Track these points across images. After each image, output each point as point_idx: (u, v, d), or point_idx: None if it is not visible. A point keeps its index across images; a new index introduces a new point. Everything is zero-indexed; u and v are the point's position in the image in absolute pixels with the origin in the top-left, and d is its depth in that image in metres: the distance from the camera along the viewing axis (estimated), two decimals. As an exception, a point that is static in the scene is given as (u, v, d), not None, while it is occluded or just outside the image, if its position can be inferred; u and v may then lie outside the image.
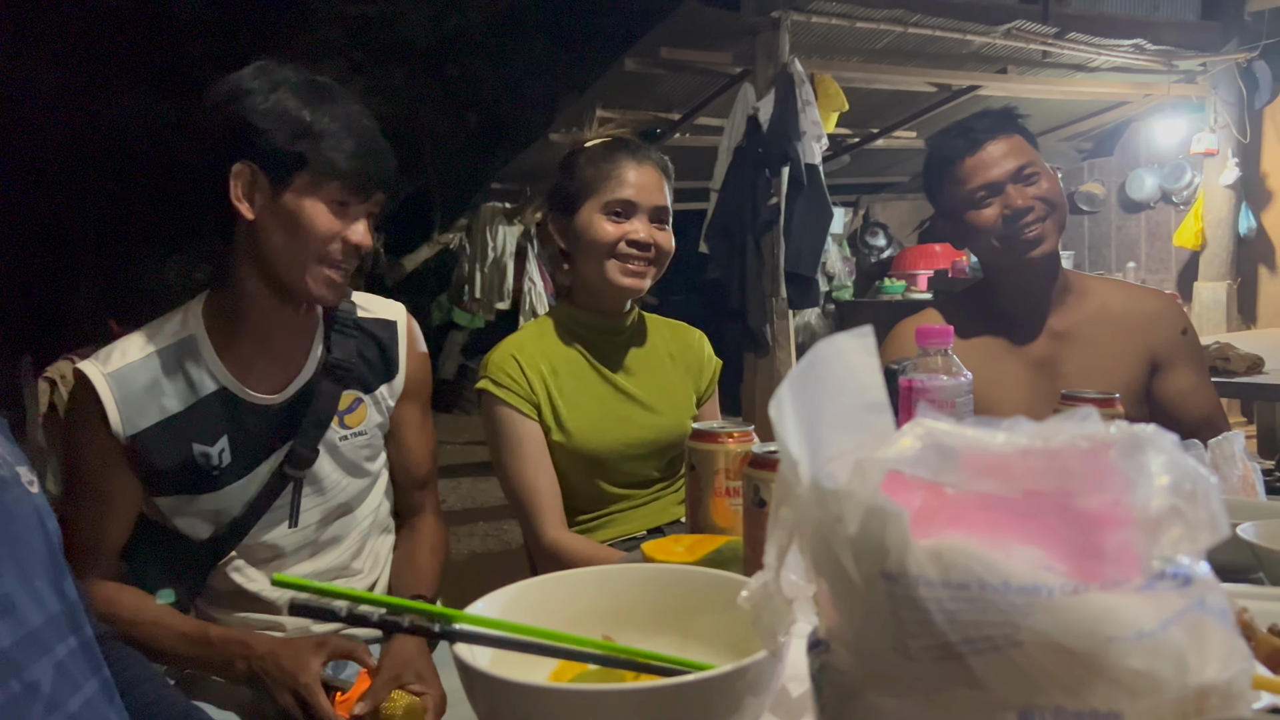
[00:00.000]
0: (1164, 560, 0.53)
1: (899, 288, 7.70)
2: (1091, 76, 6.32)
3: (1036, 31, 5.57)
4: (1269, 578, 1.01)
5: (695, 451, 1.21)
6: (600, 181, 1.77)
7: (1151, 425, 0.57)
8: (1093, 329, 1.86)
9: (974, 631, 0.52)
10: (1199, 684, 0.53)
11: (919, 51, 5.61)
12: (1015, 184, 1.81)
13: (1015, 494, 0.54)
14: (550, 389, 1.78)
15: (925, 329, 1.25)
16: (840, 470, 0.56)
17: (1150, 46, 6.06)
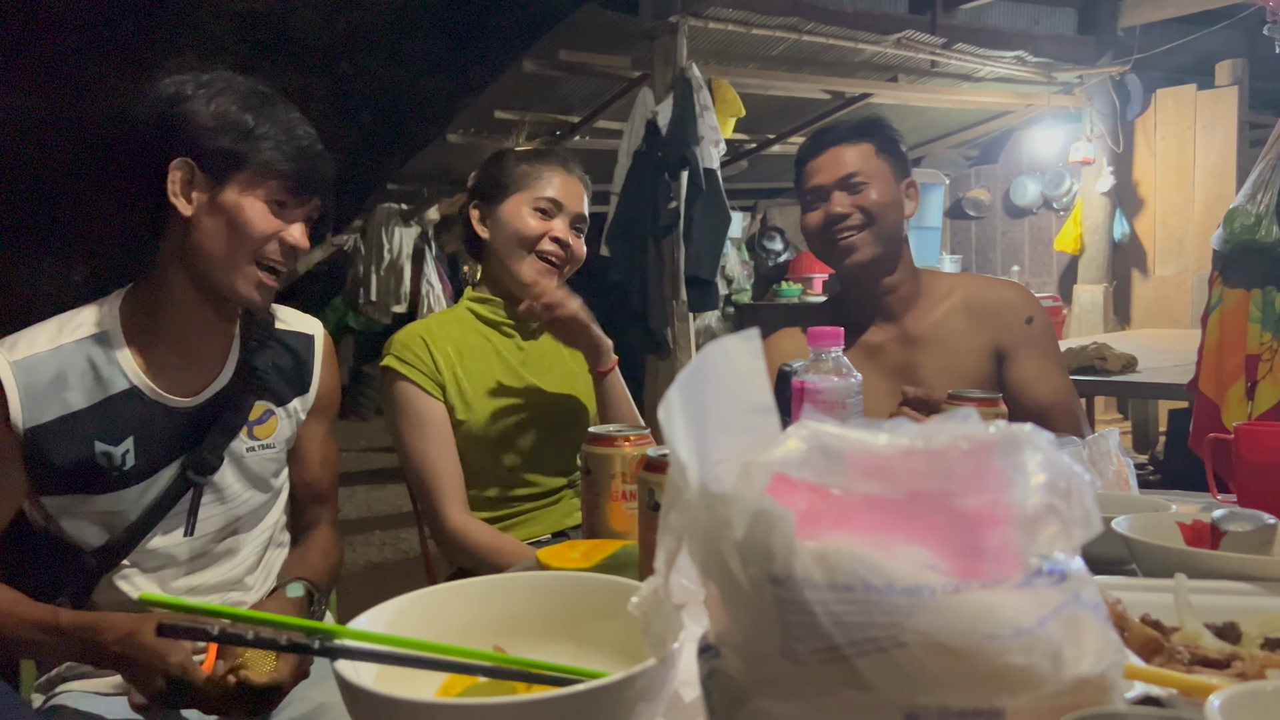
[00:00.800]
0: (1041, 557, 0.54)
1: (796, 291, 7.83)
2: (977, 86, 6.55)
3: (925, 41, 5.74)
4: (1142, 569, 1.05)
5: (591, 455, 1.20)
6: (532, 179, 1.86)
7: (1029, 425, 0.58)
8: (944, 330, 1.88)
9: (860, 634, 0.52)
10: (1075, 677, 0.55)
11: (813, 59, 5.72)
12: (840, 190, 1.85)
13: (899, 495, 0.54)
14: (457, 370, 1.81)
15: (817, 331, 1.26)
16: (727, 474, 0.55)
17: (1031, 58, 6.31)
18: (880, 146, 1.89)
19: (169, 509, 1.46)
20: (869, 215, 1.84)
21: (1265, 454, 1.31)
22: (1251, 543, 1.07)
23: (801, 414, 0.62)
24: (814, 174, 1.89)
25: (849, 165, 1.86)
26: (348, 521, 5.53)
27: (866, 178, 1.85)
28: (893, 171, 1.88)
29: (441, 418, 1.78)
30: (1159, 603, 0.90)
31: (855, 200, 1.84)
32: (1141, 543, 1.03)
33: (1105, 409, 7.09)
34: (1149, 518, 1.12)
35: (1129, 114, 6.91)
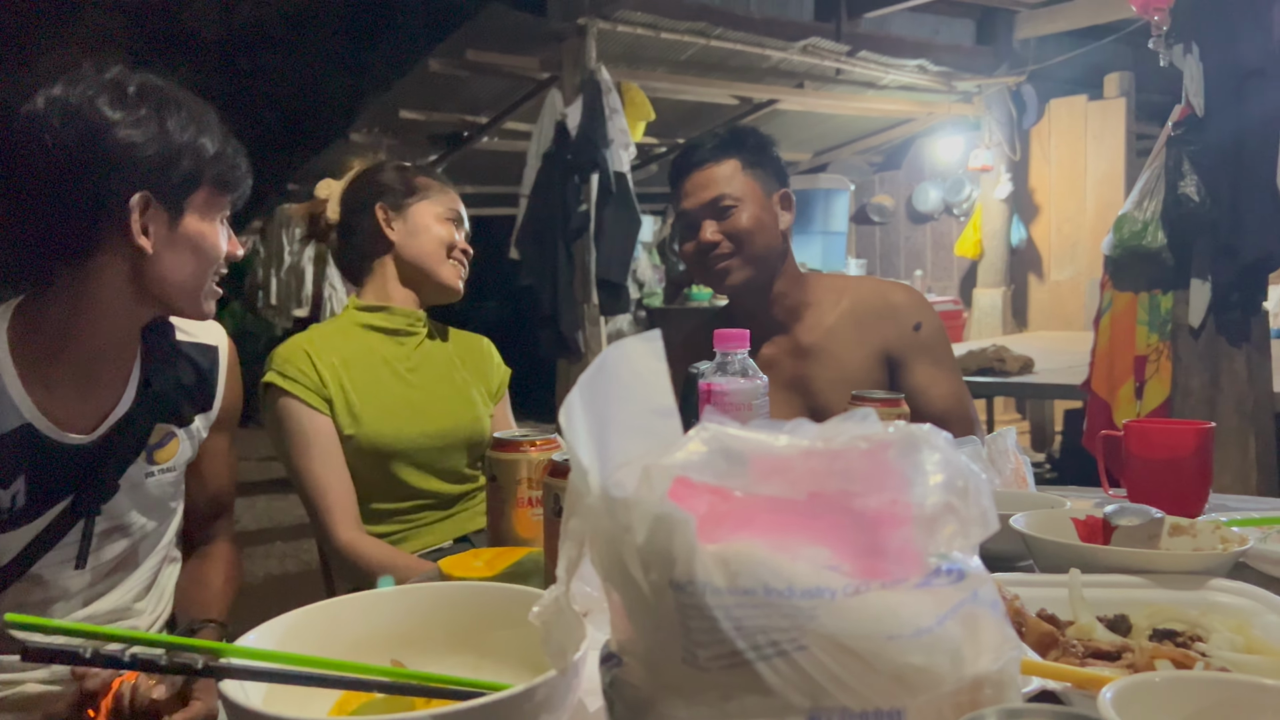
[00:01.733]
0: (940, 556, 0.54)
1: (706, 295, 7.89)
2: (881, 94, 6.70)
3: (831, 49, 5.84)
4: (1039, 565, 1.07)
5: (496, 461, 1.18)
6: (435, 191, 1.89)
7: (927, 425, 0.59)
8: (834, 340, 1.86)
9: (761, 637, 0.51)
10: (974, 675, 0.55)
11: (722, 64, 5.78)
12: (709, 217, 1.82)
13: (800, 496, 0.54)
14: (344, 382, 1.75)
15: (723, 333, 1.26)
16: (629, 478, 0.54)
17: (932, 67, 6.48)
18: (747, 161, 1.84)
19: (57, 542, 1.34)
20: (738, 241, 1.81)
21: (1153, 450, 1.35)
22: (1140, 536, 1.10)
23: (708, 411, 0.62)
24: (684, 198, 1.86)
25: (716, 187, 1.81)
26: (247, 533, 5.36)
27: (734, 199, 1.81)
28: (762, 186, 1.84)
29: (328, 434, 1.71)
30: (1055, 597, 0.93)
31: (724, 226, 1.81)
32: (1038, 539, 1.06)
33: (1004, 409, 7.32)
34: (1045, 514, 1.14)
35: (1025, 123, 7.16)
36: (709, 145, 1.86)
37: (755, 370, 1.27)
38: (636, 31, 5.09)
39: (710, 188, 1.82)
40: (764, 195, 1.84)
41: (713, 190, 1.81)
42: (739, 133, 1.90)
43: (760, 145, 1.88)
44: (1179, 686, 0.64)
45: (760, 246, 1.82)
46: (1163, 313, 3.29)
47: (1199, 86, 3.03)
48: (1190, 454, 1.33)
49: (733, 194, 1.81)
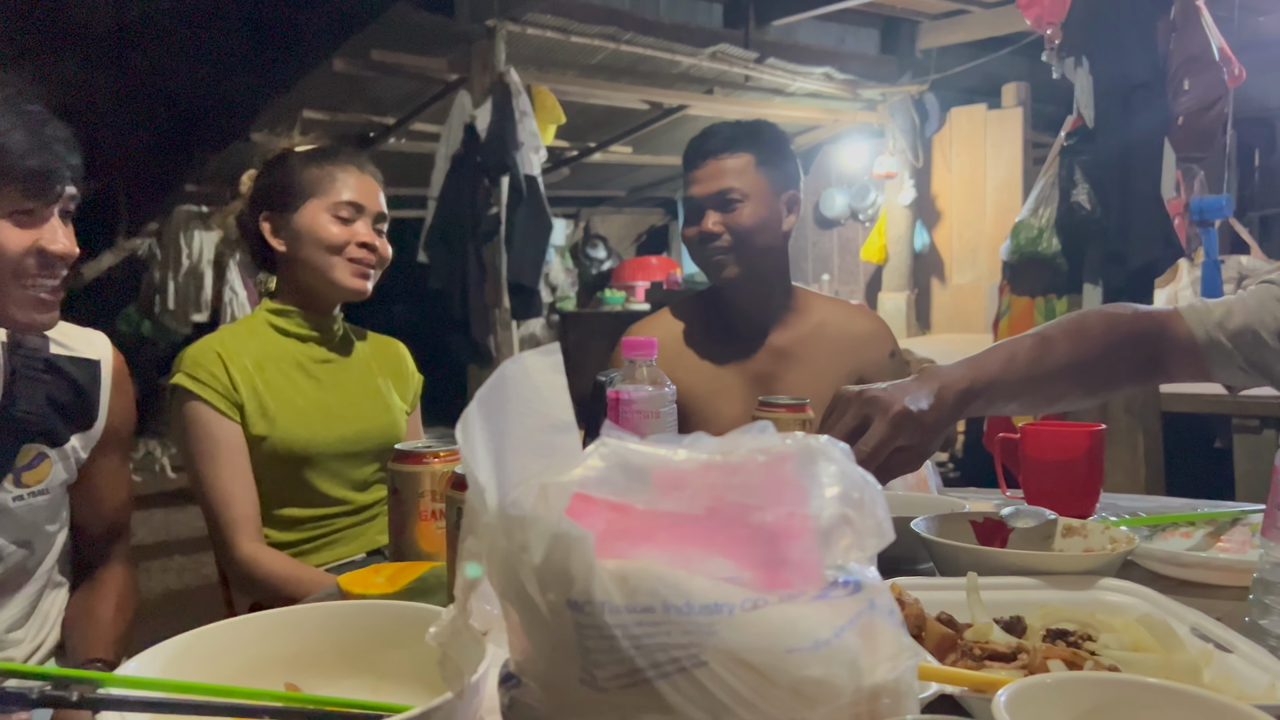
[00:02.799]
0: (837, 568, 0.55)
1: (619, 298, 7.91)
2: (789, 101, 6.80)
3: (739, 56, 5.91)
4: (939, 568, 1.10)
5: (398, 474, 1.15)
6: (326, 183, 1.75)
7: (825, 436, 0.59)
8: (809, 347, 1.91)
9: (661, 655, 0.51)
10: (872, 686, 0.55)
11: (632, 69, 5.79)
12: (714, 208, 1.84)
13: (699, 510, 0.53)
14: (257, 385, 1.69)
15: (630, 341, 1.26)
16: (526, 496, 0.53)
17: (838, 75, 6.61)
18: (761, 159, 1.86)
19: None
20: (739, 236, 1.83)
21: (1048, 452, 1.39)
22: (1035, 538, 1.13)
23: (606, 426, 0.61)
24: (692, 184, 1.88)
25: (725, 180, 1.84)
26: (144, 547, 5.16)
27: (742, 195, 1.83)
28: (771, 184, 1.86)
29: (236, 440, 1.65)
30: (955, 600, 0.94)
31: (727, 219, 1.83)
32: (937, 542, 1.08)
33: (909, 409, 7.48)
34: (945, 518, 1.17)
35: (927, 131, 7.35)
36: (726, 135, 1.88)
37: (663, 378, 1.27)
38: (546, 34, 5.07)
39: (720, 178, 1.84)
40: (772, 194, 1.87)
41: (722, 181, 1.84)
42: (758, 127, 1.92)
43: (776, 144, 1.90)
44: (1069, 687, 0.66)
45: (760, 244, 1.85)
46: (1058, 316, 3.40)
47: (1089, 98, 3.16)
48: (1083, 455, 1.37)
49: (741, 188, 1.83)
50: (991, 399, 1.22)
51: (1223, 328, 1.29)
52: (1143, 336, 1.31)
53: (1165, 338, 1.31)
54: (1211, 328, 1.30)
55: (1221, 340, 1.29)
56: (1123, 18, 3.07)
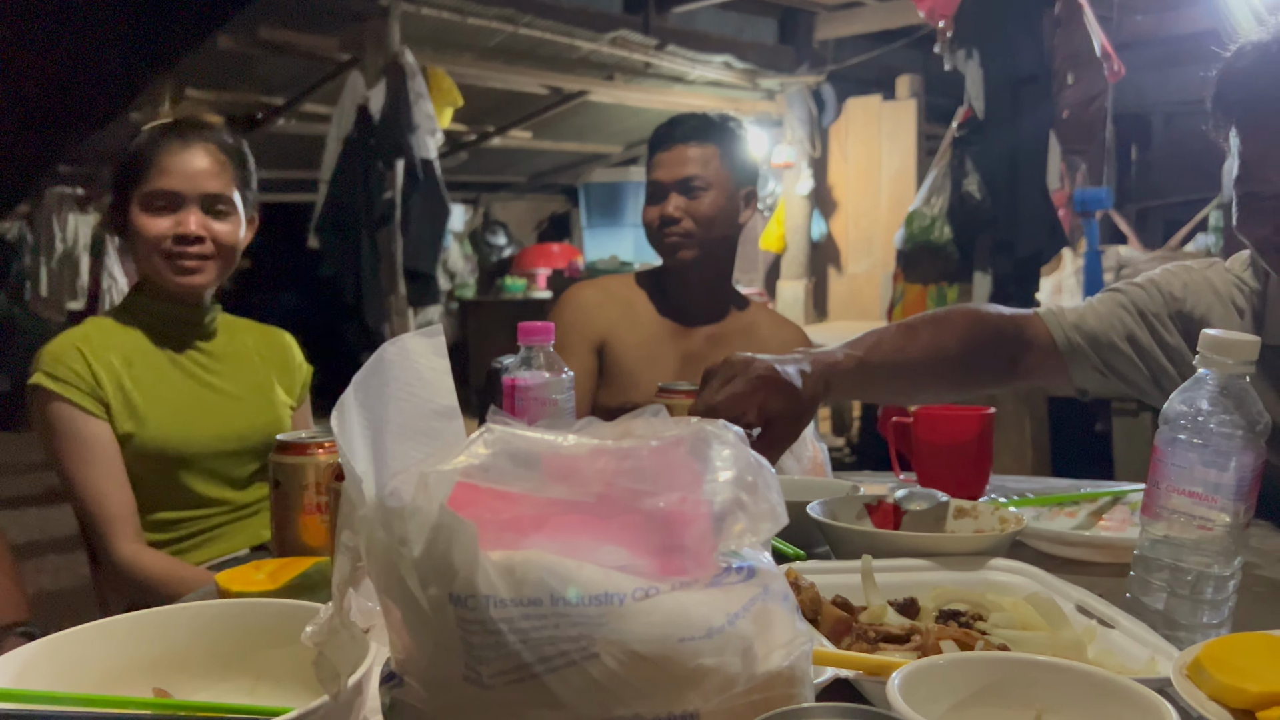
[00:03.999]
0: (730, 554, 0.53)
1: (520, 286, 7.83)
2: (689, 89, 6.82)
3: (639, 42, 5.89)
4: (834, 552, 1.10)
5: (280, 466, 1.10)
6: (144, 170, 1.59)
7: (720, 420, 0.58)
8: (740, 341, 1.97)
9: (549, 649, 0.49)
10: (766, 673, 0.54)
11: (531, 53, 5.72)
12: (677, 192, 1.91)
13: (589, 497, 0.51)
14: (124, 381, 1.58)
15: (526, 326, 1.23)
16: (406, 485, 0.50)
17: (737, 64, 6.65)
18: (725, 152, 1.94)
19: None
20: (699, 223, 1.91)
21: (939, 435, 1.42)
22: (928, 520, 1.15)
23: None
24: (656, 167, 1.95)
25: (690, 167, 1.91)
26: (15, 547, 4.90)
27: (705, 183, 1.91)
28: (733, 178, 1.94)
29: (105, 439, 1.55)
30: (851, 583, 0.95)
31: (689, 205, 1.91)
32: (832, 526, 1.08)
33: (807, 396, 7.61)
34: (840, 501, 1.17)
35: (824, 121, 7.46)
36: (694, 124, 1.95)
37: (560, 364, 1.24)
38: (442, 15, 4.96)
39: (686, 165, 1.91)
40: (733, 186, 1.95)
41: (688, 169, 1.91)
42: (725, 122, 1.99)
43: (739, 139, 1.99)
44: (961, 668, 0.67)
45: (717, 233, 1.93)
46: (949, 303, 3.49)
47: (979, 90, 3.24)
48: (973, 439, 1.40)
49: (705, 177, 1.91)
50: (859, 380, 1.28)
51: (1079, 330, 1.35)
52: (1003, 336, 1.36)
53: (1024, 338, 1.37)
54: (1069, 329, 1.36)
55: (1079, 342, 1.35)
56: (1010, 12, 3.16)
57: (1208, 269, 1.37)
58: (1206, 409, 0.83)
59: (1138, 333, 1.35)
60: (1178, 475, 0.84)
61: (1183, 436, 0.84)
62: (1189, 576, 0.85)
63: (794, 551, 1.07)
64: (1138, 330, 1.35)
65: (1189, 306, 1.33)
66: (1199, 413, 0.83)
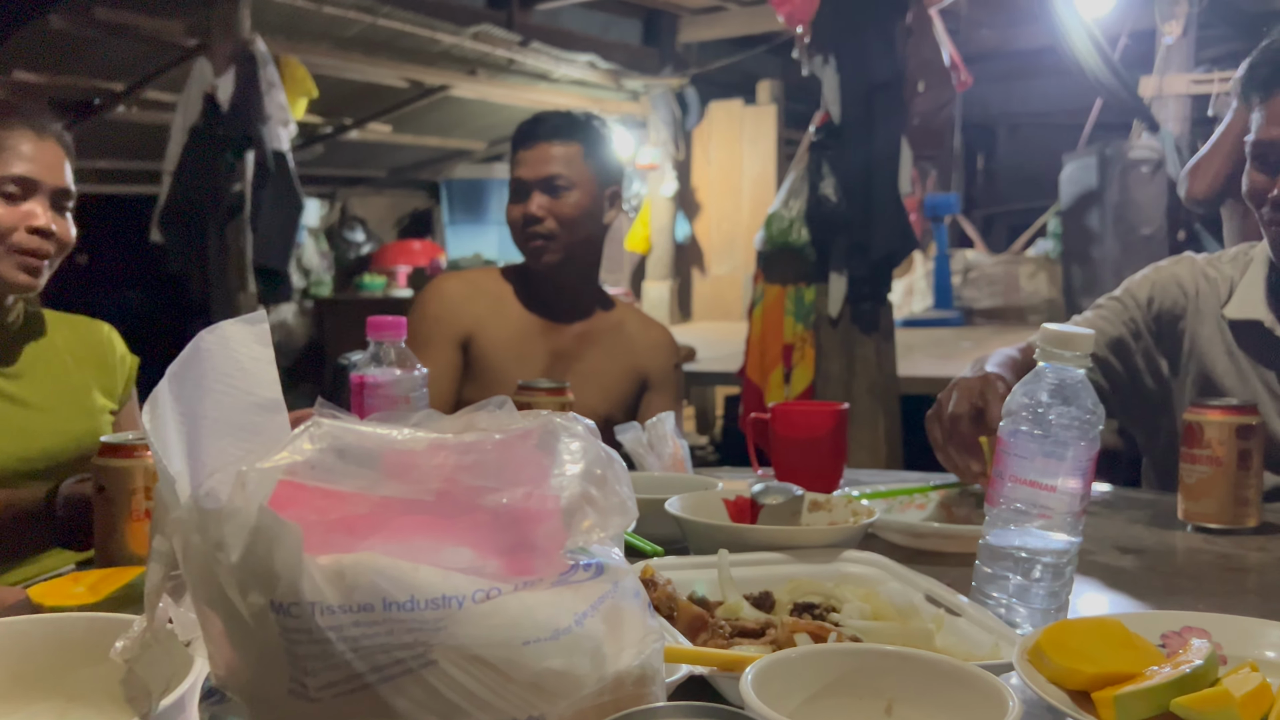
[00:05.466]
0: (578, 550, 0.51)
1: (379, 284, 7.61)
2: (553, 87, 6.78)
3: (503, 37, 5.82)
4: (692, 547, 1.10)
5: (105, 470, 1.02)
6: None
7: (570, 413, 0.55)
8: (608, 341, 1.97)
9: (383, 657, 0.46)
10: (615, 673, 0.52)
11: (390, 45, 5.58)
12: (540, 191, 1.87)
13: (428, 495, 0.48)
14: None
15: (376, 320, 1.18)
16: (223, 485, 0.46)
17: (602, 64, 6.65)
18: (589, 150, 1.90)
19: None
20: (562, 223, 1.87)
21: (795, 430, 1.44)
22: (784, 514, 1.16)
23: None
24: (519, 165, 1.90)
25: (553, 166, 1.86)
26: None
27: (568, 183, 1.86)
28: (597, 177, 1.91)
29: None
30: (708, 579, 0.94)
31: (552, 205, 1.86)
32: (689, 521, 1.07)
33: (672, 395, 7.70)
34: (699, 496, 1.17)
35: (688, 124, 7.55)
36: (557, 122, 1.92)
37: (413, 360, 1.20)
38: (296, 3, 4.78)
39: (549, 163, 1.87)
40: (597, 186, 1.91)
41: (551, 167, 1.86)
42: (589, 120, 1.96)
43: (604, 139, 1.96)
44: (813, 660, 0.66)
45: (581, 233, 1.89)
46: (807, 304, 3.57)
47: (836, 96, 3.32)
48: (827, 433, 1.42)
49: (568, 175, 1.87)
50: None
51: None
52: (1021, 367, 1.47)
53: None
54: None
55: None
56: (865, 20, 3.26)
57: (1175, 265, 1.57)
58: (1046, 401, 0.86)
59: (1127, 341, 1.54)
60: (1019, 466, 0.87)
61: (1024, 428, 0.87)
62: (1030, 564, 0.88)
63: (651, 548, 1.05)
64: (1126, 339, 1.54)
65: (1157, 305, 1.52)
66: (1039, 405, 0.86)
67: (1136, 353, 1.53)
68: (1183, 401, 1.48)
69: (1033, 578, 0.88)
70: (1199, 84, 5.68)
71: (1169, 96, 5.69)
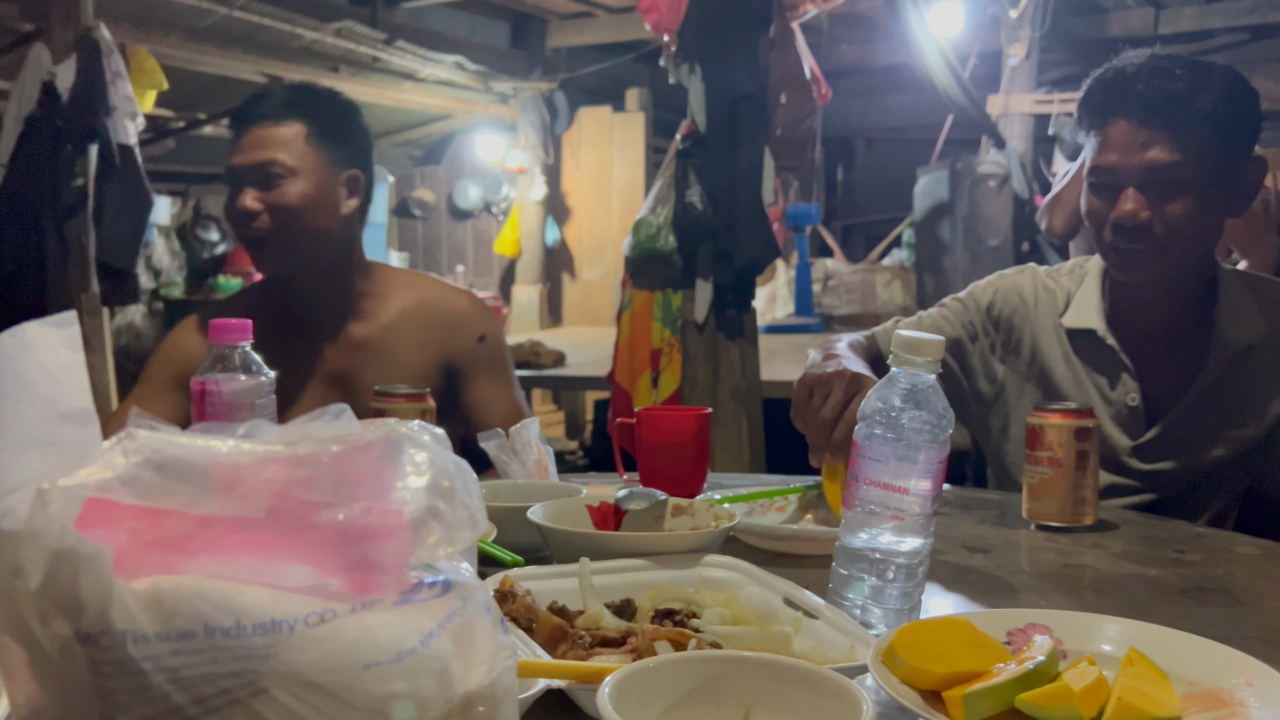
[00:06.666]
0: (424, 567, 0.49)
1: (235, 285, 7.29)
2: (419, 87, 6.65)
3: (367, 35, 5.68)
4: (554, 556, 1.08)
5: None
6: None
7: (417, 422, 0.53)
8: (392, 339, 1.71)
9: (207, 688, 0.42)
10: (464, 693, 0.50)
11: (248, 38, 5.37)
12: (252, 184, 1.60)
13: (257, 513, 0.45)
14: None
15: (220, 323, 1.12)
16: (22, 504, 0.42)
17: (470, 66, 6.57)
18: (317, 129, 1.62)
19: None
20: (282, 218, 1.58)
21: (660, 435, 1.44)
22: (647, 519, 1.15)
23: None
24: (235, 151, 1.62)
25: (269, 150, 1.58)
26: None
27: (286, 170, 1.58)
28: (329, 161, 1.62)
29: None
30: (570, 588, 0.92)
31: (268, 197, 1.58)
32: (550, 529, 1.06)
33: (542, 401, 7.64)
34: (561, 504, 1.15)
35: (557, 128, 7.53)
36: (277, 100, 1.63)
37: (259, 365, 1.14)
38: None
39: (264, 148, 1.59)
40: (328, 172, 1.63)
41: (266, 152, 1.58)
42: (315, 94, 1.67)
43: (338, 115, 1.67)
44: (671, 669, 0.66)
45: (309, 229, 1.61)
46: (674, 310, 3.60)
47: (701, 105, 3.36)
48: (691, 437, 1.42)
49: (287, 163, 1.58)
50: None
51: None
52: (869, 354, 1.53)
53: (875, 358, 1.53)
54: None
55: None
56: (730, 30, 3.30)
57: (1018, 275, 1.61)
58: (899, 406, 0.88)
59: (964, 342, 1.58)
60: (873, 469, 0.88)
61: (878, 431, 0.88)
62: (884, 565, 0.89)
63: (511, 558, 1.03)
64: (964, 340, 1.58)
65: (997, 310, 1.58)
66: (892, 409, 0.88)
67: (973, 354, 1.59)
68: (1018, 403, 1.54)
69: (887, 579, 0.90)
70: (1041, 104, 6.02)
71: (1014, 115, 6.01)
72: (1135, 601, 1.02)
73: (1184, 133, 1.35)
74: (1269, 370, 1.45)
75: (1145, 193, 1.36)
